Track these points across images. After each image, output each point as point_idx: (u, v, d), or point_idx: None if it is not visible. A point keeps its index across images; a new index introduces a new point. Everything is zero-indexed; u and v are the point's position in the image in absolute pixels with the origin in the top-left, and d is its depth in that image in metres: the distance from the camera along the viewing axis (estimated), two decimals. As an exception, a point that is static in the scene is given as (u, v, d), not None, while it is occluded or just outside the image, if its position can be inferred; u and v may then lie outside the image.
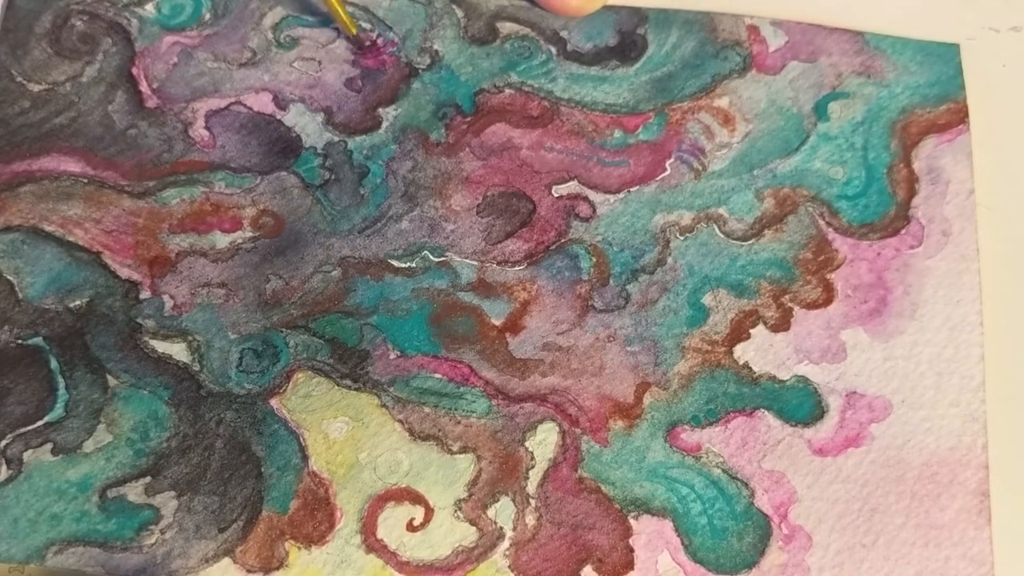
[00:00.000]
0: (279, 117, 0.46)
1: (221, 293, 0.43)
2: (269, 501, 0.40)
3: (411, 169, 0.46)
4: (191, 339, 0.42)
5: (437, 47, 0.48)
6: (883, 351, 0.43)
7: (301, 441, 0.41)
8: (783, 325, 0.43)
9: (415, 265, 0.44)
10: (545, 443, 0.41)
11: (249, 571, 0.39)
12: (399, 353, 0.42)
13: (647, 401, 0.42)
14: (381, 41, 0.48)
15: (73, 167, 0.45)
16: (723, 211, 0.45)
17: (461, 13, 0.49)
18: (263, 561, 0.39)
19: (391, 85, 0.47)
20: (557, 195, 0.46)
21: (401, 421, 0.41)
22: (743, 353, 0.43)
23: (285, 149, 0.46)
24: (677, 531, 0.40)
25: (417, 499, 0.40)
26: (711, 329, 0.43)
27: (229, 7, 0.48)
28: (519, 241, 0.45)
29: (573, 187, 0.46)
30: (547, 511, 0.40)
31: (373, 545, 0.40)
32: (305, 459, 0.41)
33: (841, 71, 0.48)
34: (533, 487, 0.41)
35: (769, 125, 0.47)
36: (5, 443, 0.40)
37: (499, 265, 0.44)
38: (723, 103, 0.47)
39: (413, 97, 0.47)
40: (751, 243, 0.45)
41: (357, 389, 0.42)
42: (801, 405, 0.42)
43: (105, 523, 0.39)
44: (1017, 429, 0.42)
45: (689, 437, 0.42)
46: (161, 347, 0.42)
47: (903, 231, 0.45)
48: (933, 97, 0.47)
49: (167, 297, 0.43)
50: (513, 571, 0.40)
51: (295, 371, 0.42)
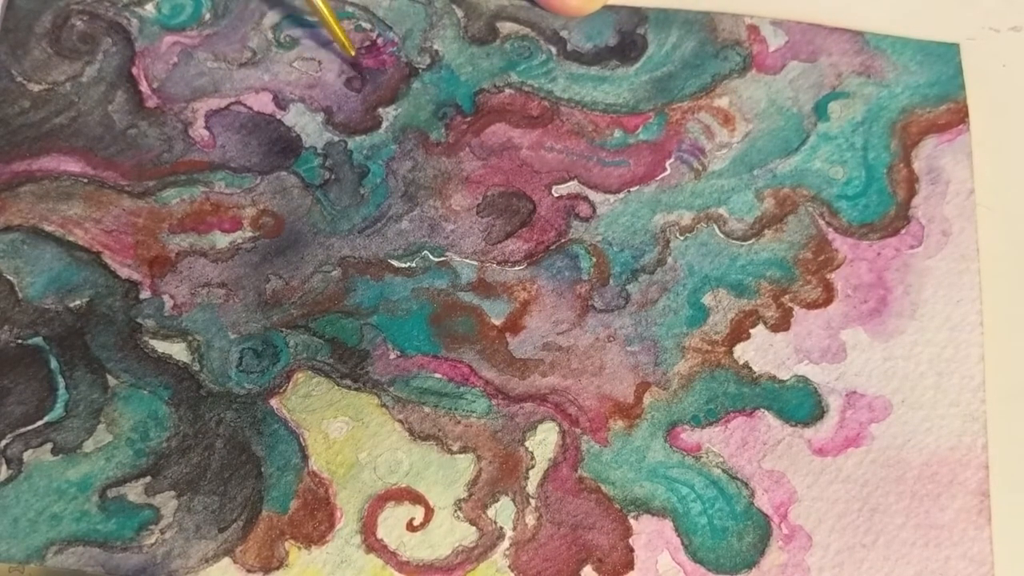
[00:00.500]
0: (279, 117, 0.46)
1: (221, 293, 0.43)
2: (269, 501, 0.40)
3: (411, 169, 0.46)
4: (191, 339, 0.42)
5: (437, 47, 0.48)
6: (883, 351, 0.43)
7: (301, 441, 0.41)
8: (783, 325, 0.43)
9: (415, 265, 0.44)
10: (545, 443, 0.41)
11: (249, 571, 0.39)
12: (399, 353, 0.42)
13: (647, 401, 0.42)
14: (381, 41, 0.48)
15: (73, 167, 0.45)
16: (723, 211, 0.45)
17: (461, 13, 0.49)
18: (263, 561, 0.39)
19: (391, 85, 0.47)
20: (557, 195, 0.46)
21: (401, 421, 0.41)
22: (743, 353, 0.43)
23: (285, 149, 0.46)
24: (677, 531, 0.40)
25: (417, 499, 0.40)
26: (711, 329, 0.43)
27: (229, 7, 0.48)
28: (519, 241, 0.45)
29: (573, 187, 0.46)
30: (547, 511, 0.40)
31: (373, 545, 0.40)
32: (305, 459, 0.41)
33: (841, 71, 0.48)
34: (533, 487, 0.41)
35: (769, 125, 0.47)
36: (5, 443, 0.40)
37: (499, 265, 0.44)
38: (723, 103, 0.47)
39: (413, 97, 0.47)
40: (751, 243, 0.45)
41: (357, 389, 0.42)
42: (801, 405, 0.42)
43: (105, 523, 0.39)
44: (1017, 429, 0.42)
45: (689, 437, 0.42)
46: (161, 347, 0.42)
47: (903, 231, 0.45)
48: (933, 97, 0.47)
49: (167, 297, 0.43)
50: (513, 571, 0.40)
51: (295, 371, 0.42)
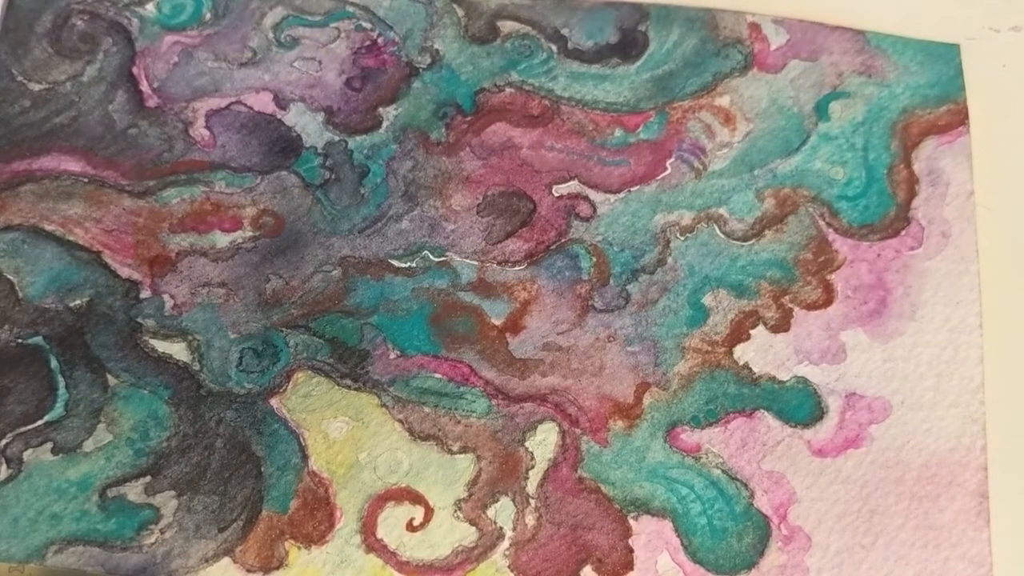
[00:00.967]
0: (279, 117, 0.46)
1: (221, 293, 0.43)
2: (269, 501, 0.40)
3: (411, 169, 0.46)
4: (191, 339, 0.42)
5: (438, 46, 0.48)
6: (883, 352, 0.43)
7: (301, 441, 0.41)
8: (783, 326, 0.43)
9: (415, 265, 0.44)
10: (545, 443, 0.41)
11: (249, 571, 0.39)
12: (399, 353, 0.42)
13: (647, 401, 0.42)
14: (382, 41, 0.48)
15: (73, 166, 0.45)
16: (723, 211, 0.45)
17: (462, 12, 0.49)
18: (263, 561, 0.39)
19: (391, 85, 0.47)
20: (557, 195, 0.46)
21: (401, 421, 0.41)
22: (743, 354, 0.43)
23: (285, 149, 0.46)
24: (677, 531, 0.40)
25: (417, 499, 0.40)
26: (711, 329, 0.43)
27: (230, 7, 0.48)
28: (519, 241, 0.45)
29: (573, 187, 0.46)
30: (547, 511, 0.40)
31: (373, 545, 0.40)
32: (305, 459, 0.41)
33: (842, 70, 0.48)
34: (533, 487, 0.41)
35: (770, 124, 0.47)
36: (5, 442, 0.40)
37: (499, 265, 0.44)
38: (724, 102, 0.47)
39: (413, 97, 0.47)
40: (751, 243, 0.45)
41: (357, 389, 0.42)
42: (801, 406, 0.42)
43: (105, 523, 0.39)
44: (1016, 430, 0.42)
45: (689, 437, 0.42)
46: (161, 347, 0.42)
47: (903, 232, 0.45)
48: (933, 98, 0.47)
49: (167, 296, 0.43)
50: (513, 571, 0.40)
51: (295, 371, 0.42)
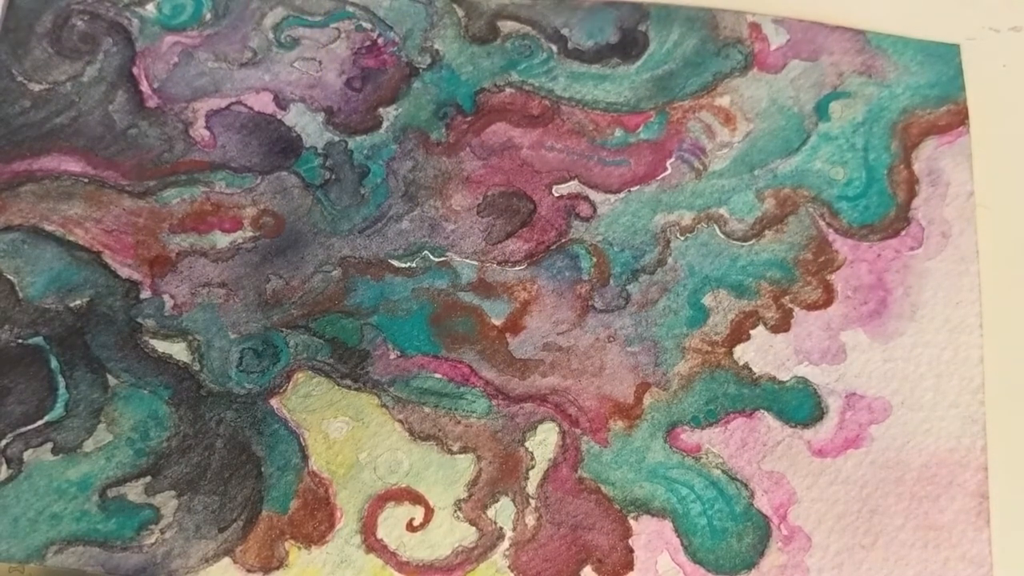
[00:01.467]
0: (279, 117, 0.46)
1: (221, 293, 0.43)
2: (269, 501, 0.40)
3: (411, 169, 0.46)
4: (191, 339, 0.42)
5: (438, 46, 0.48)
6: (883, 352, 0.43)
7: (301, 441, 0.41)
8: (783, 326, 0.43)
9: (415, 265, 0.44)
10: (545, 443, 0.41)
11: (249, 571, 0.39)
12: (399, 353, 0.42)
13: (647, 401, 0.42)
14: (382, 41, 0.48)
15: (74, 167, 0.45)
16: (724, 211, 0.45)
17: (462, 12, 0.49)
18: (263, 561, 0.39)
19: (391, 85, 0.47)
20: (557, 195, 0.46)
21: (401, 421, 0.41)
22: (743, 354, 0.43)
23: (285, 149, 0.46)
24: (677, 532, 0.40)
25: (417, 499, 0.40)
26: (711, 330, 0.43)
27: (230, 7, 0.48)
28: (519, 241, 0.45)
29: (574, 187, 0.46)
30: (547, 511, 0.40)
31: (373, 545, 0.40)
32: (305, 459, 0.41)
33: (842, 70, 0.48)
34: (533, 487, 0.41)
35: (770, 125, 0.47)
36: (5, 442, 0.40)
37: (499, 265, 0.44)
38: (724, 102, 0.47)
39: (414, 97, 0.47)
40: (751, 243, 0.45)
41: (357, 389, 0.42)
42: (801, 406, 0.42)
43: (105, 523, 0.39)
44: (1016, 431, 0.42)
45: (689, 438, 0.42)
46: (161, 347, 0.42)
47: (903, 232, 0.45)
48: (934, 98, 0.47)
49: (167, 297, 0.43)
50: (513, 571, 0.40)
51: (295, 371, 0.42)
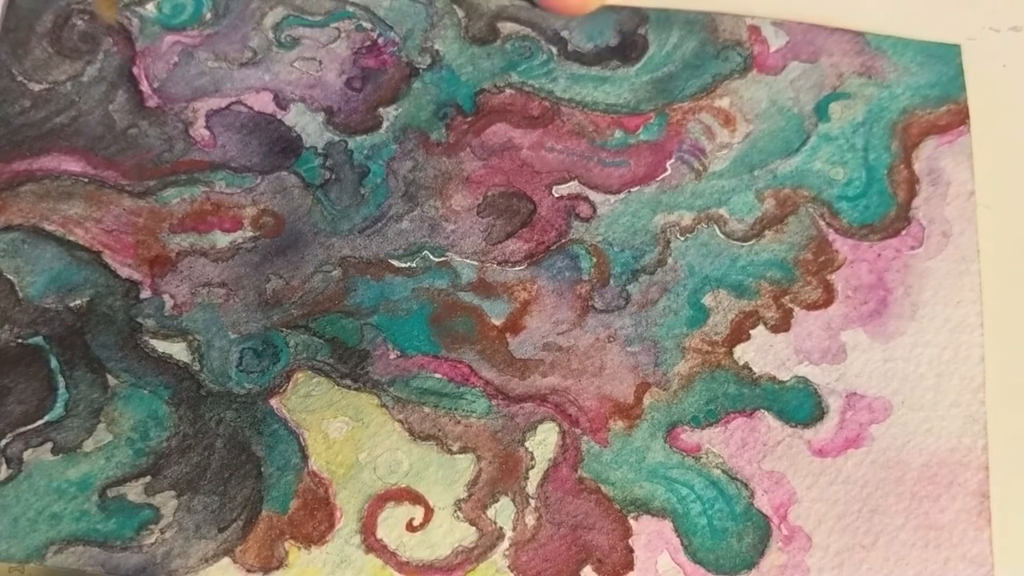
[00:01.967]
0: (280, 117, 0.46)
1: (221, 293, 0.43)
2: (269, 501, 0.40)
3: (411, 169, 0.46)
4: (191, 339, 0.42)
5: (438, 47, 0.48)
6: (883, 352, 0.43)
7: (301, 441, 0.41)
8: (783, 326, 0.43)
9: (415, 265, 0.44)
10: (545, 443, 0.41)
11: (249, 571, 0.39)
12: (399, 353, 0.42)
13: (647, 401, 0.42)
14: (382, 41, 0.48)
15: (74, 166, 0.45)
16: (723, 211, 0.45)
17: (462, 13, 0.49)
18: (263, 561, 0.39)
19: (392, 85, 0.47)
20: (557, 195, 0.46)
21: (401, 421, 0.41)
22: (743, 354, 0.43)
23: (286, 149, 0.46)
24: (677, 531, 0.40)
25: (417, 499, 0.40)
26: (711, 330, 0.43)
27: (230, 7, 0.48)
28: (519, 241, 0.45)
29: (574, 187, 0.46)
30: (547, 511, 0.40)
31: (373, 545, 0.40)
32: (305, 459, 0.41)
33: (842, 71, 0.48)
34: (533, 487, 0.41)
35: (770, 125, 0.47)
36: (5, 442, 0.40)
37: (499, 265, 0.44)
38: (724, 103, 0.47)
39: (414, 97, 0.47)
40: (751, 244, 0.45)
41: (357, 389, 0.42)
42: (801, 406, 0.42)
43: (105, 523, 0.39)
44: (1017, 430, 0.42)
45: (689, 438, 0.42)
46: (161, 347, 0.42)
47: (903, 232, 0.45)
48: (934, 98, 0.47)
49: (167, 296, 0.43)
50: (513, 571, 0.40)
51: (295, 371, 0.42)
